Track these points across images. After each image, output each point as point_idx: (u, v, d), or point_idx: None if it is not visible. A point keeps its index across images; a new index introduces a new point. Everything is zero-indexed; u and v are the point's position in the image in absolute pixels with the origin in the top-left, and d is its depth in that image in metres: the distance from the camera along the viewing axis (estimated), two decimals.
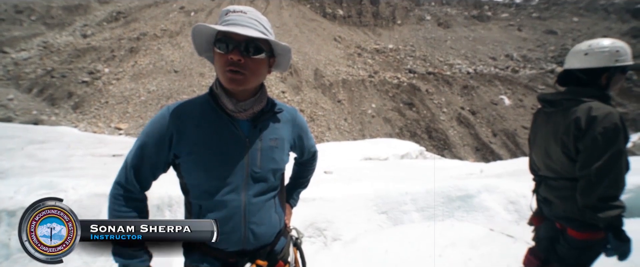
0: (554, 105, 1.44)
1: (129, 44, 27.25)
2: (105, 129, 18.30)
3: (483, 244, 2.53)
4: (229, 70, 0.81)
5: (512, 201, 4.31)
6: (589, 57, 1.35)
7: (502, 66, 35.23)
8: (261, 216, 0.93)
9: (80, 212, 3.46)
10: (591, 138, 1.23)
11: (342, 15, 43.69)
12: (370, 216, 4.16)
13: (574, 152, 1.31)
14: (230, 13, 0.84)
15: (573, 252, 1.38)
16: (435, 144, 22.58)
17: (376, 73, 29.66)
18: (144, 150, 0.89)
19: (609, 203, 1.22)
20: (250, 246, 0.93)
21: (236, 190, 0.89)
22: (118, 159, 7.82)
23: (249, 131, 0.91)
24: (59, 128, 11.54)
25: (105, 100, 20.97)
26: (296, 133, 1.06)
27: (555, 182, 1.43)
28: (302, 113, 21.56)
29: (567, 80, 1.46)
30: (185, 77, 23.61)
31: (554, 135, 1.39)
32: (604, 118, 1.22)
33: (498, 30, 44.83)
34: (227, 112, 0.89)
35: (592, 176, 1.23)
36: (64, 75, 22.57)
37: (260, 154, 0.92)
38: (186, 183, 0.92)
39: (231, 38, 0.81)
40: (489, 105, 27.41)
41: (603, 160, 1.21)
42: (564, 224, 1.41)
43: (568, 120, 1.31)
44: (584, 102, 1.30)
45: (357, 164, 9.13)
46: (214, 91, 0.91)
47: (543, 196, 1.53)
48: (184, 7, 35.85)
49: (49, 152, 7.63)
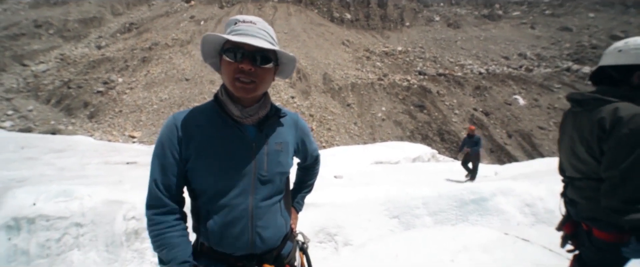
0: (581, 105, 1.41)
1: (142, 54, 28.07)
2: (120, 137, 18.81)
3: (497, 248, 2.45)
4: (238, 78, 0.84)
5: (528, 204, 4.17)
6: (622, 54, 1.32)
7: (515, 65, 34.44)
8: (268, 220, 0.94)
9: (95, 218, 3.55)
10: (616, 139, 1.20)
11: (349, 19, 43.81)
12: (382, 220, 4.10)
13: (599, 153, 1.28)
14: (239, 23, 0.87)
15: (599, 255, 1.33)
16: (448, 147, 22.18)
17: (385, 76, 29.50)
18: (162, 160, 0.90)
19: (635, 206, 1.18)
20: (258, 249, 0.93)
21: (244, 193, 0.90)
22: (132, 167, 8.00)
23: (256, 136, 0.93)
24: (75, 137, 11.93)
25: (119, 109, 21.60)
26: (299, 137, 1.08)
27: (581, 182, 1.40)
28: (311, 118, 21.50)
29: (600, 78, 1.44)
30: (196, 84, 24.09)
31: (579, 135, 1.37)
32: (631, 119, 1.18)
33: (510, 28, 43.95)
34: (233, 118, 0.90)
35: (617, 177, 1.20)
36: (80, 85, 23.40)
37: (267, 157, 0.93)
38: (194, 188, 0.93)
39: (241, 48, 0.83)
40: (502, 105, 26.80)
41: (628, 162, 1.18)
42: (590, 225, 1.37)
43: (593, 120, 1.29)
44: (611, 102, 1.27)
45: (368, 168, 9.06)
46: (219, 98, 0.93)
47: (570, 197, 1.50)
48: (194, 16, 36.72)
49: (66, 160, 7.88)
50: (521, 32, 42.80)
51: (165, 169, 0.90)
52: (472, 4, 52.60)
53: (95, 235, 3.44)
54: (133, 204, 3.74)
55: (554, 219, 3.92)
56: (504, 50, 38.10)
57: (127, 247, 3.45)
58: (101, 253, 3.35)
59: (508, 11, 49.97)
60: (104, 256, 3.35)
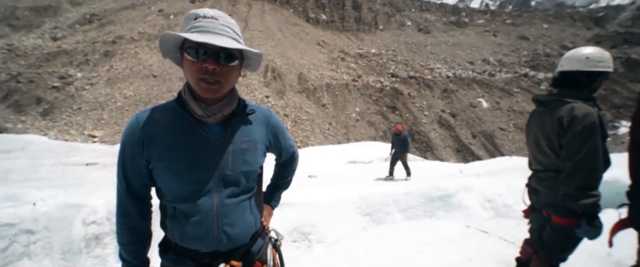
0: (545, 105, 1.62)
1: (104, 48, 26.27)
2: (78, 136, 17.47)
3: (460, 240, 2.62)
4: (203, 79, 0.81)
5: (488, 199, 4.48)
6: (589, 61, 1.54)
7: (479, 70, 36.65)
8: (235, 218, 0.93)
9: (49, 224, 3.28)
10: (572, 134, 1.40)
11: (325, 20, 44.11)
12: (354, 218, 4.20)
13: (558, 147, 1.48)
14: (200, 18, 0.82)
15: (557, 237, 1.52)
16: (418, 147, 23.09)
17: (359, 77, 30.06)
18: (126, 163, 0.90)
19: (586, 192, 1.36)
20: (224, 247, 0.93)
21: (208, 193, 0.89)
22: (92, 168, 7.48)
23: (220, 134, 0.91)
24: (25, 136, 10.86)
25: (77, 106, 20.05)
26: (271, 134, 1.06)
27: (544, 174, 1.59)
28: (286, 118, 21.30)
29: (562, 81, 1.61)
30: (164, 81, 22.99)
31: (542, 132, 1.57)
32: (583, 117, 1.38)
33: (475, 35, 46.69)
34: (195, 117, 0.88)
35: (572, 168, 1.39)
36: (32, 80, 21.42)
37: (232, 156, 0.92)
38: (160, 187, 0.92)
39: (204, 46, 0.79)
40: (468, 108, 28.38)
41: (581, 154, 1.36)
42: (550, 211, 1.55)
43: (554, 118, 1.49)
44: (569, 102, 1.47)
45: (342, 168, 9.19)
46: (182, 97, 0.90)
47: (533, 187, 1.70)
48: (162, 9, 35.03)
49: (15, 162, 7.19)
50: (485, 39, 45.64)
51: (131, 172, 0.91)
52: (441, 11, 55.15)
53: (49, 242, 3.18)
54: (93, 207, 3.49)
55: (511, 213, 4.25)
56: (469, 55, 40.39)
57: (87, 254, 3.22)
58: (56, 261, 3.10)
59: (473, 19, 53.05)
60: (59, 264, 3.10)
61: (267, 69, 26.55)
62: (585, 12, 53.24)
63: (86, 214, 3.47)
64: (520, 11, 57.34)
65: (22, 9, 29.31)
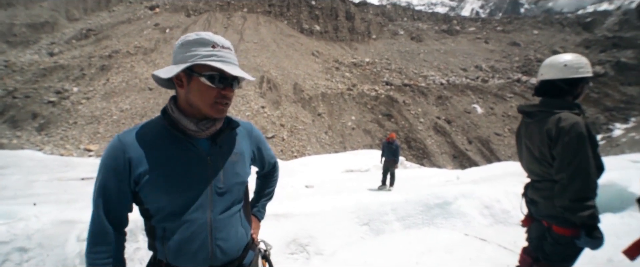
0: (531, 116, 1.62)
1: (100, 62, 26.34)
2: (74, 151, 17.32)
3: (458, 248, 2.61)
4: (220, 102, 0.88)
5: (487, 206, 4.48)
6: (568, 69, 1.54)
7: (472, 76, 37.16)
8: (228, 231, 0.94)
9: (43, 241, 3.23)
10: (562, 146, 1.39)
11: (319, 30, 44.72)
12: (353, 228, 4.16)
13: (550, 158, 1.48)
14: (219, 48, 0.87)
15: (558, 248, 1.51)
16: (415, 154, 23.13)
17: (354, 86, 30.31)
18: (107, 188, 0.88)
19: (582, 203, 1.36)
20: (217, 261, 0.93)
21: (201, 208, 0.90)
22: (87, 183, 7.40)
23: (210, 149, 0.93)
24: (21, 152, 10.75)
25: (73, 120, 19.95)
26: (254, 145, 1.10)
27: (540, 184, 1.59)
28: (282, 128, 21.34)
29: (544, 90, 1.62)
30: (160, 94, 23.00)
31: (532, 143, 1.57)
32: (571, 128, 1.38)
33: (467, 43, 47.53)
34: (186, 133, 0.90)
35: (565, 179, 1.39)
36: (28, 95, 21.34)
37: (223, 169, 0.94)
38: (148, 208, 0.90)
39: (222, 73, 0.86)
40: (462, 114, 28.62)
41: (573, 166, 1.36)
42: (550, 222, 1.54)
43: (542, 130, 1.48)
44: (555, 113, 1.47)
45: (339, 177, 9.17)
46: (170, 115, 0.91)
47: (530, 197, 1.68)
48: (158, 23, 35.34)
49: (9, 178, 7.10)
50: (477, 46, 46.46)
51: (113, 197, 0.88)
52: (432, 19, 56.26)
53: (42, 260, 3.11)
54: (87, 223, 3.45)
55: (509, 219, 4.25)
56: (462, 62, 41.01)
57: None
58: None
59: (465, 27, 54.12)
60: None
61: (263, 79, 26.70)
62: (573, 18, 54.61)
63: (81, 230, 3.41)
64: (510, 18, 58.70)
65: (20, 25, 29.43)
